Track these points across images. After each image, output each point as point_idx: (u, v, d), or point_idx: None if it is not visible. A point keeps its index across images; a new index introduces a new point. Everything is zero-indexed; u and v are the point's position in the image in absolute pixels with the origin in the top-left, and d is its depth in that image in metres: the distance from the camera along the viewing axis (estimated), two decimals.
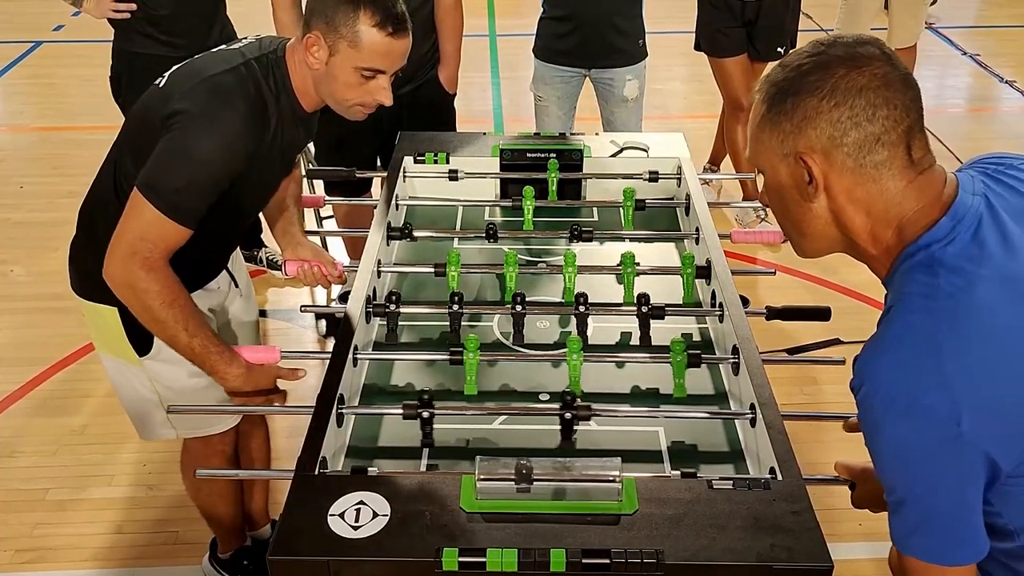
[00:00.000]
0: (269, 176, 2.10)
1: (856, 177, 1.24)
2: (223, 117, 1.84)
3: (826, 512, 1.64)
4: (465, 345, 1.94)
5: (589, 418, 1.81)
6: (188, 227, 1.85)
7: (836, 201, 1.27)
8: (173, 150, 1.83)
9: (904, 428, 1.18)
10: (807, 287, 3.90)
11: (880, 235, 1.27)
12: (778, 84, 1.27)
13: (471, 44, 3.47)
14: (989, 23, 7.31)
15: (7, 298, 3.94)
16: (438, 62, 3.30)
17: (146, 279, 1.83)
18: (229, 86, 1.87)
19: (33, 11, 7.40)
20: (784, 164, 1.28)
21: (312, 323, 3.76)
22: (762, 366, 1.89)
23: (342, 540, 1.48)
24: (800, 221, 1.32)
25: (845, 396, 1.29)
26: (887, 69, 1.23)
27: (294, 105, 1.99)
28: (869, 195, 1.25)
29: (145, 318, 1.89)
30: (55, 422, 3.23)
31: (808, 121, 1.24)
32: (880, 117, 1.22)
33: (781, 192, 1.32)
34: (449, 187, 2.71)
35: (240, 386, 1.96)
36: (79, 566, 2.70)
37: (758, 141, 1.31)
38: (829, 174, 1.25)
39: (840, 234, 1.30)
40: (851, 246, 1.32)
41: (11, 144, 5.49)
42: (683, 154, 2.78)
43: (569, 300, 2.16)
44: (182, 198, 1.83)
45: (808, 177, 1.26)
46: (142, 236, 1.83)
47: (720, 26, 4.17)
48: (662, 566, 1.45)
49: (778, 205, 1.35)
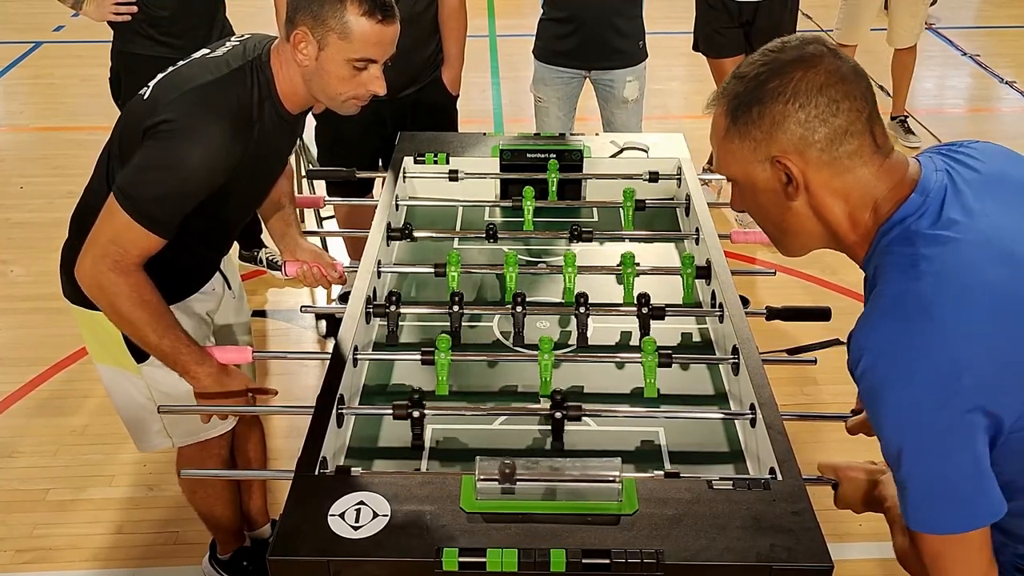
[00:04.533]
0: (255, 185, 2.09)
1: (832, 170, 1.29)
2: (207, 130, 1.82)
3: (826, 512, 1.64)
4: (437, 345, 1.94)
5: (579, 418, 1.80)
6: (162, 236, 1.85)
7: (816, 196, 1.31)
8: (153, 159, 1.83)
9: (907, 393, 1.20)
10: (807, 287, 3.90)
11: (859, 220, 1.32)
12: (739, 96, 1.32)
13: (471, 44, 3.47)
14: (989, 23, 7.30)
15: (7, 298, 3.95)
16: (441, 64, 3.31)
17: (115, 281, 1.84)
18: (213, 97, 1.85)
19: (33, 11, 7.40)
20: (760, 169, 1.32)
21: (312, 323, 3.76)
22: (762, 366, 1.89)
23: (342, 540, 1.48)
24: (782, 221, 1.37)
25: (845, 396, 1.29)
26: (838, 63, 1.28)
27: (279, 110, 1.96)
28: (846, 184, 1.30)
29: (114, 318, 1.90)
30: (55, 422, 3.23)
31: (777, 126, 1.28)
32: (844, 110, 1.27)
33: (758, 197, 1.36)
34: (449, 187, 2.71)
35: (210, 386, 1.96)
36: (79, 566, 2.70)
37: (727, 152, 1.35)
38: (807, 171, 1.29)
39: (822, 228, 1.35)
40: (832, 238, 1.36)
41: (11, 144, 5.49)
42: (683, 154, 2.78)
43: (569, 300, 2.15)
44: (157, 208, 1.83)
45: (787, 177, 1.30)
46: (114, 240, 1.83)
47: (718, 27, 4.17)
48: (662, 566, 1.45)
49: (757, 210, 1.39)
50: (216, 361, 1.97)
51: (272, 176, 2.18)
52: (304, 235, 2.38)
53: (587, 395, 1.96)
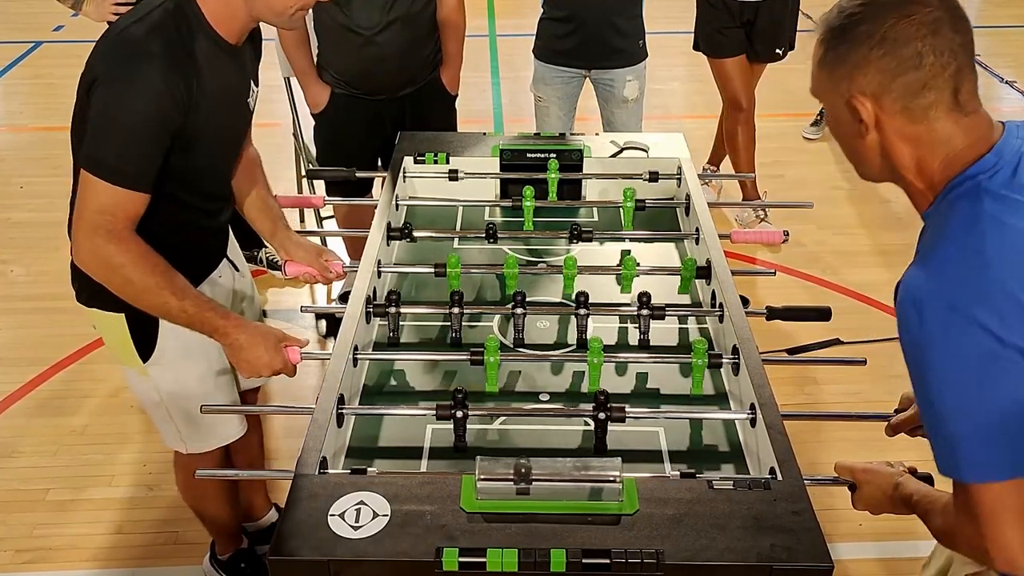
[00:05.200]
0: (219, 125, 1.98)
1: (905, 118, 1.33)
2: (140, 72, 1.77)
3: (826, 512, 1.64)
4: (486, 346, 1.93)
5: (623, 419, 1.78)
6: (141, 191, 1.81)
7: (887, 138, 1.36)
8: (101, 117, 1.79)
9: (956, 338, 1.23)
10: (807, 287, 3.90)
11: (926, 170, 1.36)
12: (833, 30, 1.36)
13: (471, 44, 3.47)
14: (989, 23, 7.30)
15: (7, 298, 3.94)
16: (440, 63, 3.30)
17: (118, 252, 1.80)
18: (139, 37, 1.80)
19: (33, 11, 7.40)
20: (840, 102, 1.37)
21: (312, 323, 3.76)
22: (762, 366, 1.89)
23: (342, 540, 1.48)
24: (855, 151, 1.42)
25: (845, 396, 1.29)
26: (938, 14, 1.30)
27: (216, 39, 1.90)
28: (917, 134, 1.33)
29: (128, 292, 1.84)
30: (55, 422, 3.23)
31: (858, 68, 1.33)
32: (927, 64, 1.29)
33: (837, 124, 1.42)
34: (449, 187, 2.71)
35: (245, 341, 1.90)
36: (79, 566, 2.70)
37: (818, 79, 1.41)
38: (880, 115, 1.34)
39: (890, 167, 1.39)
40: (900, 178, 1.41)
41: (11, 144, 5.49)
42: (683, 154, 2.78)
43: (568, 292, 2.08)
44: (123, 162, 1.79)
45: (858, 118, 1.35)
46: (99, 211, 1.79)
47: (718, 26, 4.16)
48: (662, 566, 1.45)
49: (837, 135, 1.45)
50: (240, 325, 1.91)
51: (236, 116, 2.08)
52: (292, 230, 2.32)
53: (587, 395, 1.96)
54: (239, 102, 2.06)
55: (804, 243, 4.12)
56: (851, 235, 4.28)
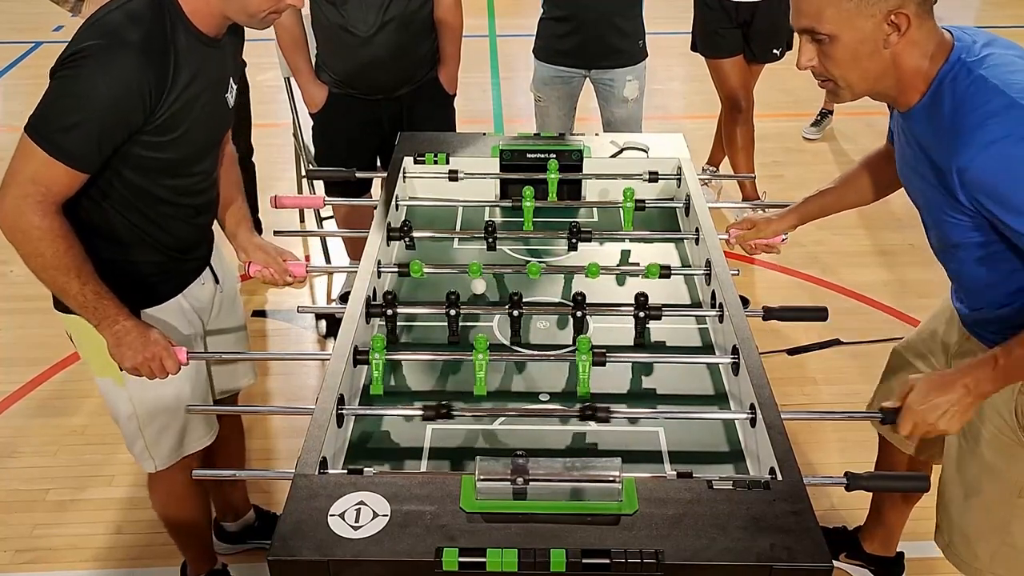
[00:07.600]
0: (196, 116, 1.95)
1: (917, 23, 1.61)
2: (112, 57, 1.75)
3: (826, 512, 1.64)
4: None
5: (608, 419, 1.80)
6: (81, 170, 1.80)
7: (904, 47, 1.62)
8: (60, 91, 1.77)
9: None
10: (806, 287, 3.90)
11: (920, 66, 1.65)
12: None
13: (471, 44, 3.47)
14: (989, 23, 7.30)
15: (7, 298, 3.95)
16: (438, 62, 3.31)
17: (39, 224, 1.78)
18: (117, 23, 1.78)
19: (33, 11, 7.37)
20: (869, 23, 1.59)
21: (312, 323, 3.76)
22: (762, 366, 1.89)
23: (342, 540, 1.48)
24: (867, 68, 1.65)
25: (845, 396, 1.29)
26: None
27: (194, 31, 1.88)
28: (923, 35, 1.63)
29: (35, 263, 1.83)
30: (55, 422, 3.23)
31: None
32: None
33: (861, 44, 1.61)
34: (449, 187, 2.71)
35: (125, 336, 1.90)
36: (79, 566, 2.70)
37: (836, 8, 1.59)
38: (911, 26, 1.60)
39: (893, 73, 1.65)
40: (894, 84, 1.67)
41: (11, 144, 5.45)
42: (683, 154, 2.78)
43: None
44: (70, 139, 1.76)
45: (895, 28, 1.59)
46: (33, 179, 1.77)
47: (716, 27, 4.17)
48: (662, 566, 1.45)
49: (845, 58, 1.64)
50: (132, 317, 1.92)
51: (215, 111, 2.03)
52: (255, 233, 2.31)
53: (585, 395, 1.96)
54: (218, 97, 2.04)
55: (803, 243, 4.12)
56: (850, 235, 4.28)
